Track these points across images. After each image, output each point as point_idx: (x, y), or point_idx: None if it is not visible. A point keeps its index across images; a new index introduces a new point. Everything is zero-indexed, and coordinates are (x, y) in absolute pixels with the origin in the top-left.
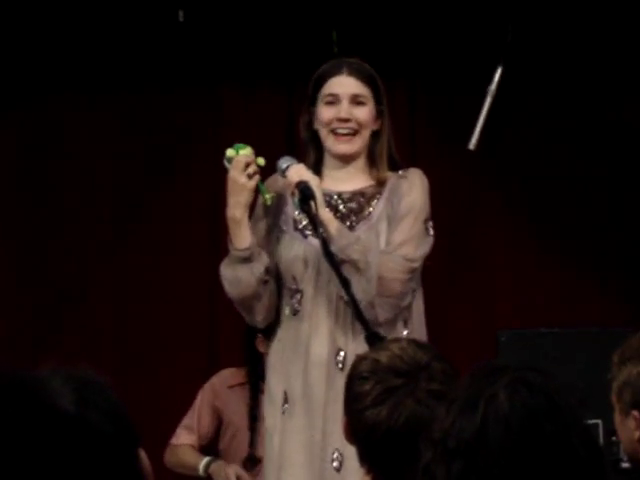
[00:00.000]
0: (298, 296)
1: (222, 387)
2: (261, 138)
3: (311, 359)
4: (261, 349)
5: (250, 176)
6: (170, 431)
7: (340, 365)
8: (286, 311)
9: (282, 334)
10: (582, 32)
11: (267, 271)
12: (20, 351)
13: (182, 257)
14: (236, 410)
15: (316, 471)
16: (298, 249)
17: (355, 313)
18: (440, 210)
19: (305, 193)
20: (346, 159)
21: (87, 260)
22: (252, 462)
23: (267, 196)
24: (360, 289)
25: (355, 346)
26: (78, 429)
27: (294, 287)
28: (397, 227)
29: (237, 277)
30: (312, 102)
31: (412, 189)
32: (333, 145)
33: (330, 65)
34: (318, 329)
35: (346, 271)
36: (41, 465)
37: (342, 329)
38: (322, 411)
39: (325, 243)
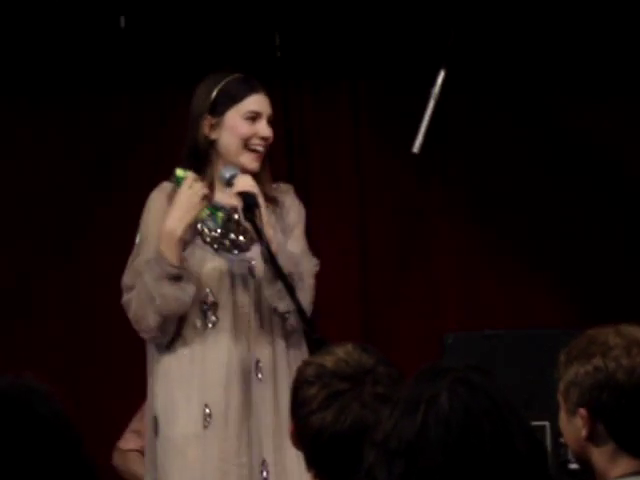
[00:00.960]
0: (213, 308)
1: None
2: None
3: (232, 370)
4: None
5: (203, 198)
6: (118, 435)
7: (260, 375)
8: (196, 324)
9: (191, 347)
10: (525, 34)
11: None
12: None
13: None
14: None
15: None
16: (211, 263)
17: (301, 319)
18: (385, 213)
19: (249, 202)
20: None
21: (32, 267)
22: None
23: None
24: (302, 302)
25: (272, 355)
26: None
27: (209, 300)
28: (292, 237)
29: (170, 294)
30: (213, 113)
31: (294, 203)
32: (248, 161)
33: (243, 80)
34: (235, 341)
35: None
36: None
37: (258, 339)
38: (246, 423)
39: (269, 250)
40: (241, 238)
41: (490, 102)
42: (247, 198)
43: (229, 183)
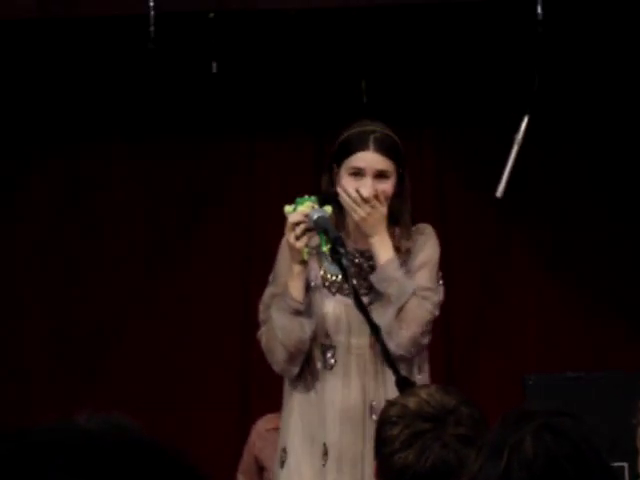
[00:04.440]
0: (332, 351)
1: (260, 433)
2: (291, 185)
3: (347, 413)
4: None
5: (297, 237)
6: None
7: (374, 416)
8: (317, 365)
9: (317, 386)
10: (608, 81)
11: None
12: (57, 394)
13: (214, 302)
14: (272, 454)
15: None
16: (329, 306)
17: (385, 358)
18: (469, 256)
19: (336, 243)
20: None
21: (124, 306)
22: None
23: (324, 248)
24: (384, 318)
25: (385, 396)
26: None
27: (327, 342)
28: (417, 275)
29: (289, 327)
30: (335, 162)
31: (427, 243)
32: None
33: (357, 135)
34: (352, 383)
35: (378, 301)
36: None
37: (373, 381)
38: (360, 464)
39: (356, 292)
40: (362, 283)
41: (574, 147)
42: (334, 240)
43: (316, 225)
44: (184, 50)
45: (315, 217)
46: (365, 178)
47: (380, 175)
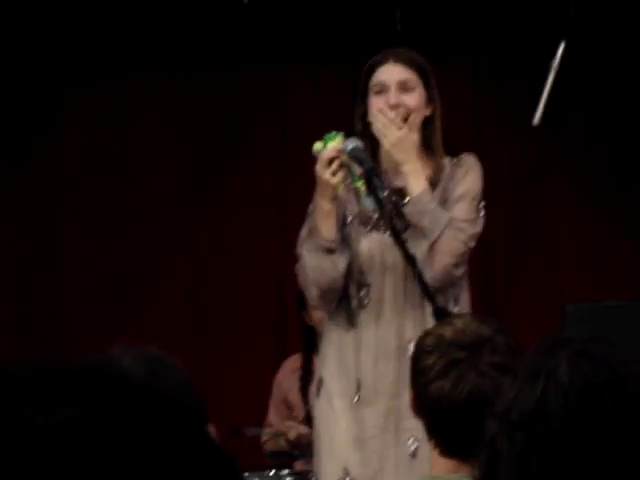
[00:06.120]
0: (366, 289)
1: (286, 374)
2: (326, 117)
3: (382, 351)
4: (307, 321)
5: (334, 173)
6: (235, 409)
7: (409, 354)
8: (352, 303)
9: (352, 324)
10: None
11: (348, 266)
12: (95, 335)
13: (250, 239)
14: (297, 393)
15: (391, 456)
16: (364, 244)
17: (422, 289)
18: (505, 185)
19: (371, 173)
20: None
21: (157, 245)
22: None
23: (358, 184)
24: (418, 252)
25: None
26: (149, 399)
27: (362, 280)
28: (454, 207)
29: (321, 266)
30: (363, 94)
31: (467, 174)
32: None
33: (377, 56)
34: (385, 322)
35: (412, 233)
36: (115, 436)
37: (410, 320)
38: (393, 400)
39: (392, 221)
40: (397, 220)
41: (610, 73)
42: (369, 174)
43: (350, 156)
44: None
45: (350, 147)
46: (390, 91)
47: (404, 88)
